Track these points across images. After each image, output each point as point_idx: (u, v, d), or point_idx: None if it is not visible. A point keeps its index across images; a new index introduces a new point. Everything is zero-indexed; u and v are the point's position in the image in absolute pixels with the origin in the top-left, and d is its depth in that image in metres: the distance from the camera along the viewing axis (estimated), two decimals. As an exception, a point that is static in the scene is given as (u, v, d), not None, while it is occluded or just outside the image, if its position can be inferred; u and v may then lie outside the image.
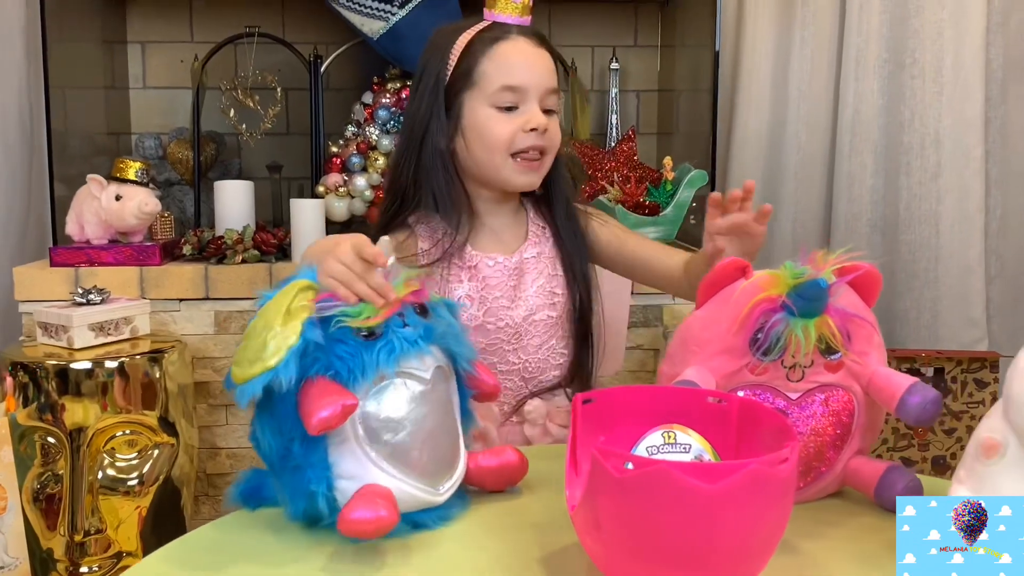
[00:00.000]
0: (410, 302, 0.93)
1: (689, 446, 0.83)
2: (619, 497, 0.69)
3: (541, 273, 1.39)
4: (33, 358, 1.77)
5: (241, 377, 0.85)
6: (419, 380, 0.91)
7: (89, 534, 1.75)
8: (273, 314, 0.87)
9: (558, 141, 1.36)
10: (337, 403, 0.82)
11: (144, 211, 2.01)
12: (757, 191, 2.54)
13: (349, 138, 2.22)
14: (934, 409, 0.90)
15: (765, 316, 0.93)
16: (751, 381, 0.95)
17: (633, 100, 2.69)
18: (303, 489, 0.89)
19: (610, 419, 0.85)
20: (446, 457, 0.95)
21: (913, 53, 2.52)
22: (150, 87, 2.57)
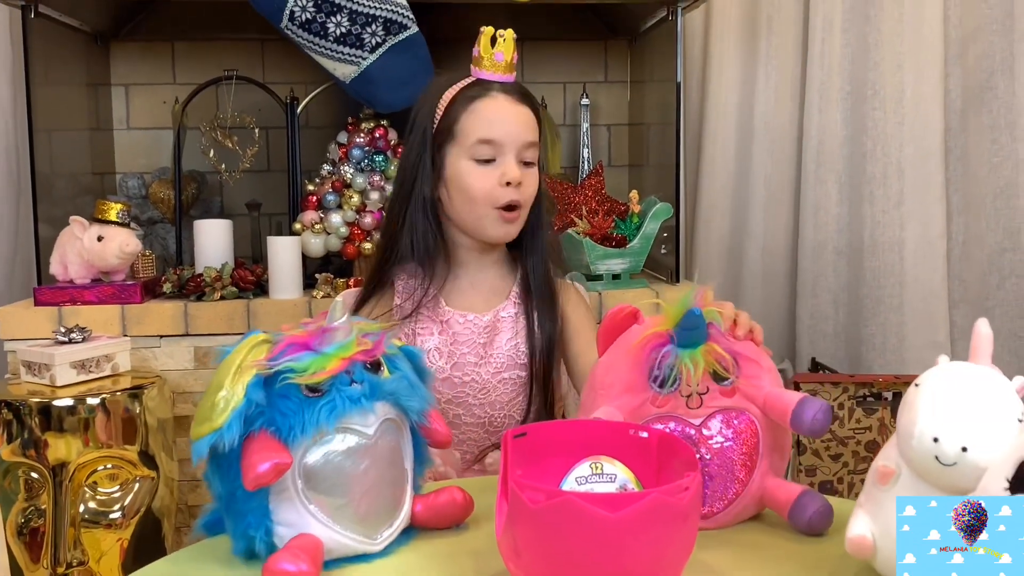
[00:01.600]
0: (360, 359, 0.97)
1: (615, 476, 0.90)
2: (534, 526, 0.76)
3: (517, 333, 1.43)
4: (17, 396, 1.83)
5: (194, 435, 0.91)
6: (361, 435, 0.95)
7: (72, 566, 1.80)
8: (225, 372, 0.92)
9: (532, 194, 1.41)
10: (270, 462, 0.88)
11: (125, 251, 2.07)
12: (726, 221, 2.66)
13: (325, 176, 2.29)
14: (824, 419, 0.97)
15: (656, 351, 1.01)
16: (655, 413, 1.03)
17: (604, 134, 2.77)
18: (244, 532, 0.95)
19: (541, 451, 0.92)
20: (386, 507, 0.99)
21: (874, 85, 2.60)
22: (134, 128, 2.65)
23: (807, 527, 1.00)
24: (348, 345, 0.97)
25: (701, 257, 2.69)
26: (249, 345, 0.95)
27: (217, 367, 0.94)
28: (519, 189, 1.38)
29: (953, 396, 0.83)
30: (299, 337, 0.96)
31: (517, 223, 1.41)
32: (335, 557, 0.95)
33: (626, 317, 1.03)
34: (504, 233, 1.41)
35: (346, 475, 0.95)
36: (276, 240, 2.16)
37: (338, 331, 0.97)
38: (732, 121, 2.67)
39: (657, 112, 2.57)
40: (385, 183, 2.25)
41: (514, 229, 1.41)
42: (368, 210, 2.23)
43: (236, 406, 0.90)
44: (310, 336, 0.96)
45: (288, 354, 0.94)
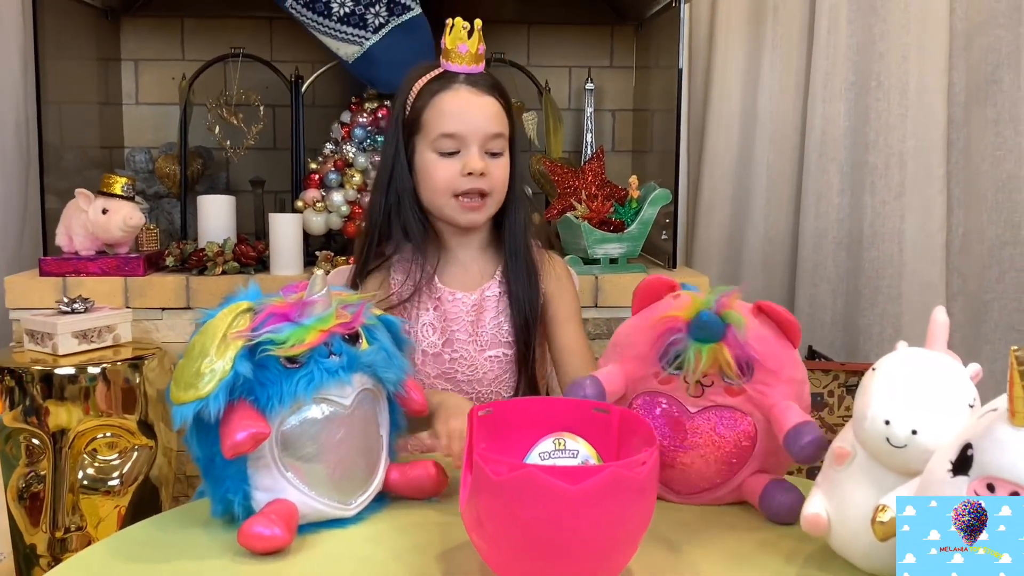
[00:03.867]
0: (339, 331, 1.00)
1: (577, 451, 0.93)
2: (496, 497, 0.78)
3: (500, 312, 1.46)
4: (19, 363, 1.87)
5: (177, 400, 0.93)
6: (337, 406, 0.98)
7: (70, 531, 1.85)
8: (210, 338, 0.94)
9: (501, 183, 1.43)
10: (248, 431, 0.91)
11: (129, 224, 2.10)
12: (728, 208, 2.67)
13: (327, 155, 2.32)
14: (812, 450, 0.97)
15: (670, 334, 1.03)
16: (656, 388, 1.05)
17: (609, 119, 2.78)
18: (222, 496, 0.98)
19: (506, 428, 0.94)
20: (360, 474, 1.02)
21: (879, 76, 2.60)
22: (142, 103, 2.68)
23: (774, 515, 1.02)
24: (327, 317, 0.99)
25: (702, 244, 2.70)
26: (233, 312, 0.97)
27: (199, 330, 0.96)
28: (484, 179, 1.40)
29: (906, 380, 0.85)
30: (280, 307, 0.99)
31: (483, 210, 1.43)
32: (309, 521, 0.99)
33: (663, 286, 1.06)
34: (467, 220, 1.43)
35: (322, 444, 0.98)
36: (278, 217, 2.19)
37: (318, 303, 1.00)
38: (736, 109, 2.68)
39: (661, 98, 2.57)
40: (386, 163, 2.27)
41: (479, 216, 1.43)
42: (369, 189, 2.25)
43: (223, 377, 0.92)
44: (290, 307, 0.99)
45: (268, 324, 0.97)
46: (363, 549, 0.96)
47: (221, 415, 0.92)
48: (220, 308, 0.99)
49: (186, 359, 0.95)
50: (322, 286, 1.00)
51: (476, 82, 1.43)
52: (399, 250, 1.46)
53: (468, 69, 1.42)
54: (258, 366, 0.95)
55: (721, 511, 1.07)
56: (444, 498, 1.08)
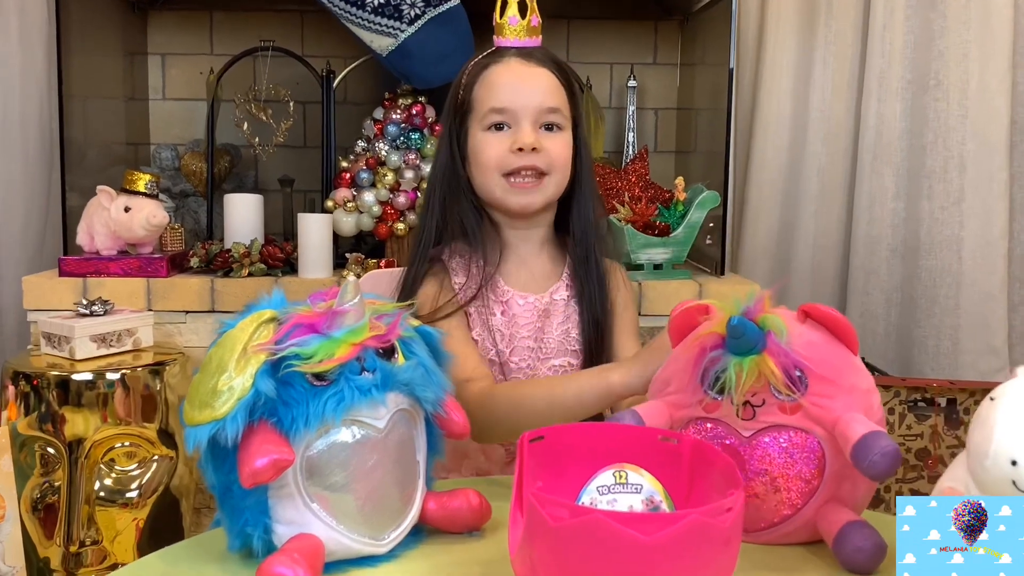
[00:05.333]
0: (372, 345, 0.89)
1: (640, 486, 0.81)
2: (555, 546, 0.67)
3: (568, 318, 1.34)
4: (35, 368, 1.79)
5: (190, 420, 0.83)
6: (370, 428, 0.87)
7: (85, 545, 1.76)
8: (229, 352, 0.84)
9: (560, 161, 1.30)
10: (269, 457, 0.80)
11: (152, 223, 2.02)
12: (776, 213, 2.55)
13: (359, 153, 2.22)
14: (884, 464, 0.83)
15: (707, 353, 0.92)
16: (703, 416, 0.94)
17: (651, 118, 2.67)
18: (240, 529, 0.87)
19: (560, 457, 0.83)
20: (395, 506, 0.91)
21: (937, 75, 2.47)
22: (169, 99, 2.60)
23: (848, 562, 0.88)
24: (359, 330, 0.88)
25: (748, 250, 2.58)
26: (255, 323, 0.86)
27: (218, 342, 0.86)
28: (538, 155, 1.28)
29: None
30: (307, 317, 0.87)
31: (537, 191, 1.30)
32: (337, 559, 0.88)
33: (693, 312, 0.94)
34: (519, 203, 1.30)
35: (352, 471, 0.87)
36: (307, 217, 2.09)
37: (349, 313, 0.88)
38: (786, 109, 2.55)
39: (707, 97, 2.47)
40: (421, 161, 2.17)
41: (533, 198, 1.30)
42: (402, 189, 2.16)
43: (242, 396, 0.81)
44: (319, 317, 0.88)
45: (294, 336, 0.86)
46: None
47: (239, 439, 0.82)
48: (241, 317, 0.88)
49: (202, 374, 0.85)
50: (354, 294, 0.89)
51: (529, 55, 1.32)
52: (455, 250, 1.35)
53: (520, 43, 1.32)
54: (281, 383, 0.84)
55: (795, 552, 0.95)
56: (487, 532, 0.97)
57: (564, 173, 1.32)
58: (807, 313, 0.95)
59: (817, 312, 0.94)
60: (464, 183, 1.33)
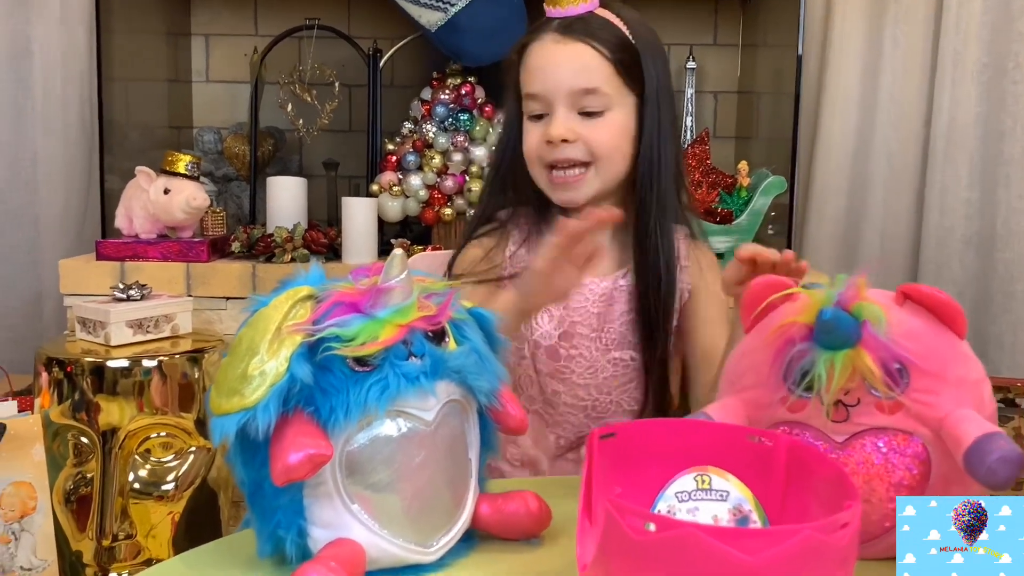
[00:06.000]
0: (420, 327, 0.79)
1: (726, 493, 0.71)
2: (638, 563, 0.57)
3: (634, 307, 1.22)
4: (70, 354, 1.72)
5: (217, 409, 0.74)
6: (417, 421, 0.78)
7: (118, 539, 1.69)
8: (261, 333, 0.75)
9: (606, 148, 1.18)
10: (304, 452, 0.71)
11: (192, 206, 1.95)
12: (842, 201, 2.41)
13: (405, 135, 2.13)
14: (1005, 470, 0.70)
15: (791, 346, 0.81)
16: (787, 418, 0.82)
17: (710, 102, 2.55)
18: (272, 532, 0.78)
19: (633, 457, 0.73)
20: (445, 508, 0.82)
21: (1017, 57, 2.32)
22: (213, 80, 2.53)
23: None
24: (407, 309, 0.78)
25: (812, 241, 2.45)
26: (290, 300, 0.77)
27: (249, 322, 0.77)
28: (574, 146, 1.17)
29: None
30: (348, 295, 0.78)
31: (579, 187, 1.19)
32: (380, 567, 0.78)
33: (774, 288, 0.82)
34: (561, 199, 1.20)
35: (397, 468, 0.77)
36: (351, 201, 2.01)
37: (395, 291, 0.78)
38: (854, 93, 2.42)
39: (770, 80, 2.35)
40: (469, 144, 2.08)
41: (574, 195, 1.19)
42: (450, 173, 2.06)
43: (275, 382, 0.73)
44: (361, 295, 0.78)
45: (333, 316, 0.76)
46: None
47: (272, 430, 0.73)
48: (275, 294, 0.78)
49: (231, 357, 0.76)
50: (401, 269, 0.79)
51: (568, 28, 1.19)
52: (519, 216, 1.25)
53: (564, 12, 1.19)
54: (319, 368, 0.75)
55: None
56: (547, 539, 0.86)
57: (613, 160, 1.19)
58: (906, 295, 0.84)
59: (918, 293, 0.83)
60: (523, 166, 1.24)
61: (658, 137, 1.20)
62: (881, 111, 2.42)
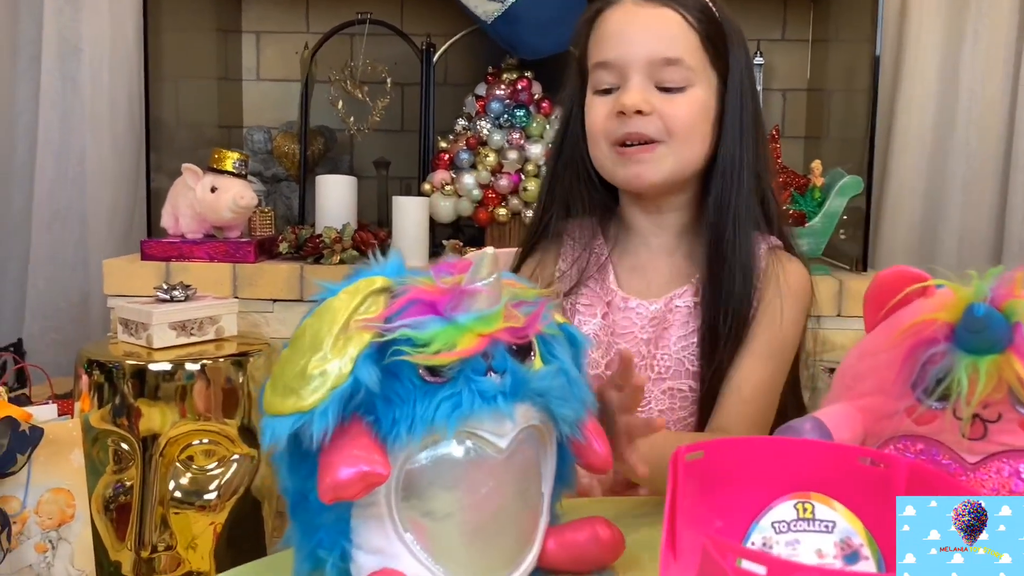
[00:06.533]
0: (505, 339, 0.68)
1: (832, 524, 0.61)
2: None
3: (693, 331, 1.07)
4: (111, 357, 1.66)
5: (272, 408, 0.66)
6: (489, 446, 0.68)
7: (158, 550, 1.62)
8: (327, 326, 0.66)
9: (682, 126, 1.03)
10: (358, 468, 0.62)
11: (240, 204, 1.88)
12: (918, 204, 2.28)
13: (459, 133, 2.05)
14: None
15: (925, 348, 0.69)
16: (911, 430, 0.71)
17: (779, 99, 2.44)
18: (312, 551, 0.69)
19: (723, 481, 0.63)
20: (509, 545, 0.71)
21: (1109, 51, 2.19)
22: (264, 79, 2.48)
23: None
24: (492, 317, 0.68)
25: (886, 246, 2.33)
26: (362, 292, 0.67)
27: (315, 311, 0.68)
28: (646, 120, 1.02)
29: None
30: (427, 292, 0.69)
31: (648, 161, 1.03)
32: None
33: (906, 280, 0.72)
34: (626, 175, 1.05)
35: (461, 496, 0.68)
36: (402, 200, 1.93)
37: (481, 294, 0.68)
38: (932, 90, 2.30)
39: (843, 77, 2.24)
40: (525, 141, 1.99)
41: (645, 169, 1.04)
42: (504, 171, 1.98)
43: (337, 385, 0.64)
44: (442, 294, 0.69)
45: (407, 315, 0.67)
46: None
47: (328, 439, 0.64)
48: (346, 282, 0.69)
49: (292, 350, 0.67)
50: (491, 270, 0.69)
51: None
52: (574, 228, 1.13)
53: None
54: (385, 374, 0.66)
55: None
56: (619, 570, 0.76)
57: (689, 142, 1.04)
58: None
59: None
60: (584, 155, 1.11)
61: (740, 129, 1.07)
62: (961, 109, 2.29)
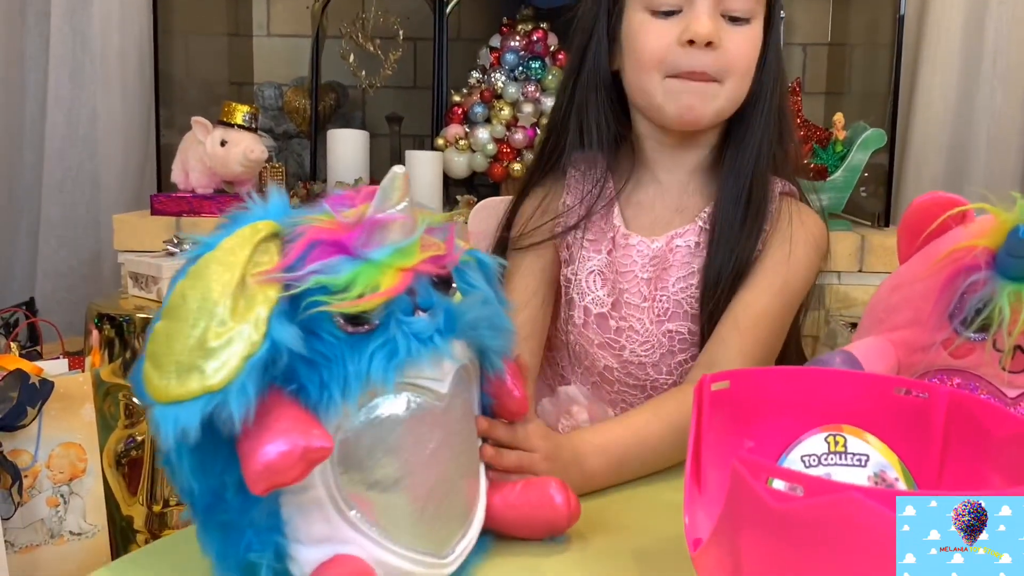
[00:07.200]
0: (428, 272, 0.60)
1: (865, 457, 0.58)
2: (776, 537, 0.44)
3: (693, 272, 1.02)
4: (122, 311, 1.64)
5: (162, 395, 0.53)
6: (429, 394, 0.60)
7: (169, 505, 1.61)
8: (217, 287, 0.54)
9: (742, 64, 0.97)
10: (293, 445, 0.52)
11: (250, 158, 1.85)
12: (942, 160, 2.23)
13: (473, 86, 2.01)
14: None
15: (964, 275, 0.66)
16: (948, 363, 0.68)
17: (799, 55, 2.39)
18: (240, 558, 0.58)
19: (750, 412, 0.60)
20: (462, 504, 0.64)
21: None
22: (274, 35, 2.44)
23: None
24: (411, 248, 0.59)
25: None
26: (250, 240, 0.56)
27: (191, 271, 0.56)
28: (713, 53, 0.95)
29: None
30: (328, 231, 0.58)
31: (708, 100, 0.96)
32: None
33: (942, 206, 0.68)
34: (678, 109, 0.97)
35: (407, 459, 0.59)
36: (415, 155, 1.90)
37: (394, 223, 0.59)
38: (956, 45, 2.24)
39: (864, 32, 2.19)
40: (541, 94, 1.95)
41: (698, 105, 0.97)
42: (520, 125, 1.94)
43: (251, 353, 0.53)
44: (347, 230, 0.58)
45: (311, 261, 0.56)
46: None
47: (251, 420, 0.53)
48: (223, 233, 0.57)
49: (171, 322, 0.54)
50: (402, 194, 0.59)
51: None
52: (578, 161, 1.06)
53: None
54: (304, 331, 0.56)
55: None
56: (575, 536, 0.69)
57: (744, 81, 0.98)
58: None
59: None
60: (607, 77, 1.03)
61: (776, 69, 1.02)
62: (986, 64, 2.23)
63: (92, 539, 1.46)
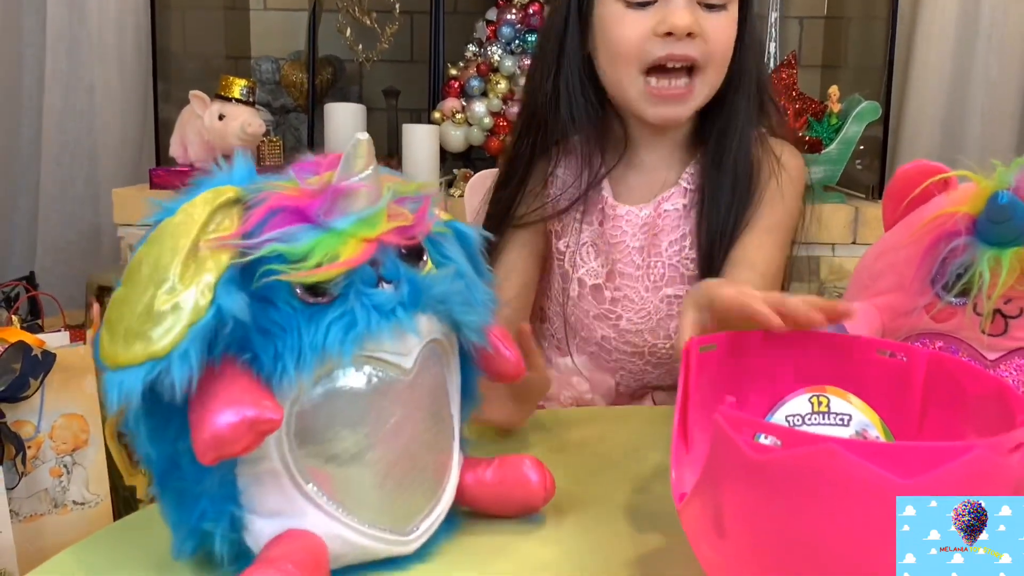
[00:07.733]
0: (394, 243, 0.58)
1: (848, 417, 0.60)
2: (756, 488, 0.46)
3: (684, 235, 1.04)
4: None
5: (112, 360, 0.53)
6: (393, 368, 0.58)
7: (171, 474, 1.64)
8: (168, 252, 0.54)
9: (721, 51, 0.97)
10: (242, 415, 0.51)
11: (248, 132, 1.86)
12: (937, 133, 2.24)
13: (469, 59, 2.02)
14: None
15: (946, 241, 0.68)
16: (929, 327, 0.69)
17: (795, 28, 2.39)
18: (194, 526, 0.58)
19: (737, 373, 0.62)
20: (426, 483, 0.63)
21: None
22: (271, 8, 2.44)
23: None
24: (376, 218, 0.58)
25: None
26: (209, 205, 0.55)
27: (149, 237, 0.55)
28: (694, 42, 0.95)
29: None
30: (291, 197, 0.57)
31: (688, 100, 0.99)
32: (346, 564, 0.60)
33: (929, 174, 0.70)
34: (661, 115, 0.99)
35: (367, 433, 0.58)
36: (412, 128, 1.91)
37: (359, 192, 0.57)
38: (951, 17, 2.24)
39: (860, 5, 2.19)
40: (538, 67, 1.96)
41: (681, 109, 0.99)
42: (516, 99, 1.95)
43: (196, 320, 0.52)
44: (310, 197, 0.57)
45: (271, 228, 0.55)
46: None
47: (194, 387, 0.53)
48: (185, 197, 0.56)
49: (128, 287, 0.54)
50: (367, 162, 0.58)
51: None
52: (567, 150, 1.07)
53: None
54: (257, 300, 0.55)
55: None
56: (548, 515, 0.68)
57: (722, 67, 0.99)
58: None
59: None
60: (579, 62, 1.03)
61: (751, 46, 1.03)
62: (982, 37, 2.23)
63: (95, 508, 1.48)
